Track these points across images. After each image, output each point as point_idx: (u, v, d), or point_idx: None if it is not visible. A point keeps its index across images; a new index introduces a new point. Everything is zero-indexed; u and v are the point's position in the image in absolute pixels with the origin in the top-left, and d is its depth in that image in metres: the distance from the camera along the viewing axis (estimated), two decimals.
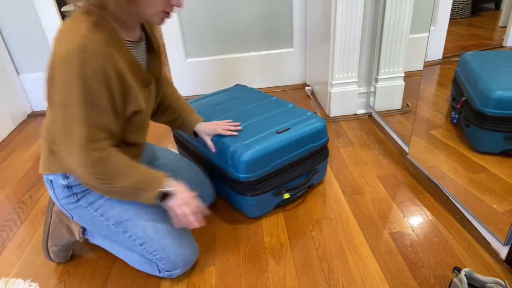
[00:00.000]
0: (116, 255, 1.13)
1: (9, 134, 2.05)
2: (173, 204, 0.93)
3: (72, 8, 0.83)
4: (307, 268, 1.10)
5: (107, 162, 0.85)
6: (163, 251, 1.01)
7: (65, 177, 0.96)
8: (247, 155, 1.15)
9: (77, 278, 1.12)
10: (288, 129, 1.26)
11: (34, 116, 2.25)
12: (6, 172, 1.69)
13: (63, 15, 2.83)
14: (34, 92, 2.23)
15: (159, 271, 1.06)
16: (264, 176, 1.21)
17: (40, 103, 2.27)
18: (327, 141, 1.37)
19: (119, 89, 0.82)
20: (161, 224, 1.01)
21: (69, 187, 0.97)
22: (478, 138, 1.51)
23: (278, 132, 1.24)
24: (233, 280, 1.08)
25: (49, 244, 1.12)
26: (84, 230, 1.13)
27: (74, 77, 0.74)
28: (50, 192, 1.01)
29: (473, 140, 1.53)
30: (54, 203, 1.11)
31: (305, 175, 1.34)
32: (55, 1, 2.00)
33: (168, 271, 1.04)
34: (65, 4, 3.39)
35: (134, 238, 1.01)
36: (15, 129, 2.10)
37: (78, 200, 0.99)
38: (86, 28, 0.76)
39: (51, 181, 0.98)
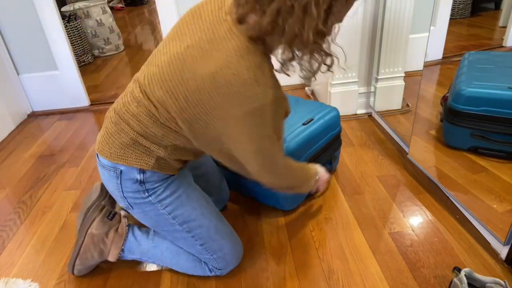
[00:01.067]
0: (160, 264, 1.12)
1: (9, 134, 2.05)
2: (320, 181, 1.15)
3: (226, 17, 0.79)
4: (307, 268, 1.10)
5: (292, 170, 1.00)
6: (220, 250, 1.04)
7: (142, 171, 0.93)
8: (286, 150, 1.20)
9: (77, 278, 1.12)
10: (312, 119, 1.31)
11: (34, 116, 2.25)
12: (6, 172, 1.69)
13: (63, 15, 2.84)
14: (34, 92, 2.23)
15: (210, 271, 1.07)
16: None
17: (40, 103, 2.27)
18: (340, 128, 1.43)
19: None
20: (220, 223, 1.05)
21: (142, 182, 0.93)
22: (448, 133, 1.55)
23: (303, 124, 1.28)
24: (233, 280, 1.08)
25: (76, 263, 1.08)
26: (122, 252, 1.09)
27: (268, 124, 0.83)
28: (110, 180, 0.96)
29: (445, 135, 1.57)
30: (90, 225, 1.07)
31: (329, 163, 1.42)
32: (55, 1, 2.00)
33: (221, 269, 1.06)
34: (65, 4, 3.40)
35: (197, 238, 1.02)
36: (15, 129, 2.10)
37: (149, 196, 0.96)
38: (269, 76, 0.80)
39: (121, 171, 0.93)
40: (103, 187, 1.19)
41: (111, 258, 1.08)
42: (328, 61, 0.80)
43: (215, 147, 0.90)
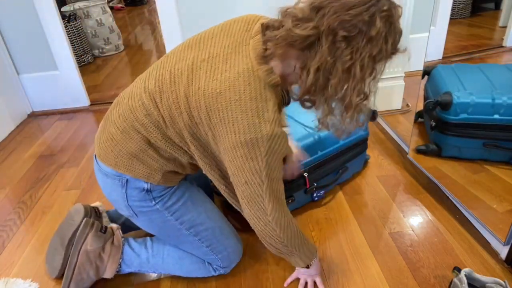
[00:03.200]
0: (162, 272, 1.10)
1: (9, 134, 2.04)
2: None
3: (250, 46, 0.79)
4: None
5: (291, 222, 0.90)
6: (225, 249, 1.04)
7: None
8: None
9: None
10: None
11: (34, 116, 2.25)
12: (6, 172, 1.69)
13: (63, 15, 2.84)
14: (34, 92, 2.23)
15: (214, 270, 1.07)
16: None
17: (40, 103, 2.27)
18: (362, 137, 1.38)
19: None
20: (224, 224, 1.06)
21: (148, 191, 0.91)
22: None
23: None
24: (233, 281, 1.08)
25: (71, 285, 1.01)
26: (119, 267, 1.05)
27: (261, 160, 0.78)
28: (114, 189, 0.92)
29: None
30: (83, 243, 1.01)
31: (335, 173, 1.36)
32: (55, 1, 2.00)
33: (225, 267, 1.07)
34: (65, 4, 3.40)
35: (203, 240, 1.01)
36: (15, 129, 2.10)
37: (156, 204, 0.94)
38: (272, 110, 0.77)
39: (127, 181, 0.90)
40: (86, 208, 1.12)
41: (108, 274, 1.03)
42: (361, 117, 0.80)
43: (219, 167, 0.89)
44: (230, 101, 0.75)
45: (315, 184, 1.28)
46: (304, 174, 1.22)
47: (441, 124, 1.43)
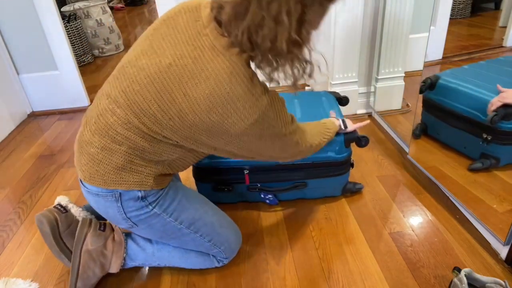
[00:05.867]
0: (167, 265, 1.10)
1: (9, 134, 2.05)
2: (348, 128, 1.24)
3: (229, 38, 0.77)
4: (307, 268, 1.10)
5: (305, 135, 1.02)
6: (226, 241, 1.07)
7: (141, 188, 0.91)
8: None
9: None
10: None
11: (34, 116, 2.25)
12: (6, 172, 1.69)
13: (63, 15, 2.84)
14: (34, 92, 2.23)
15: (218, 262, 1.10)
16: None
17: (40, 103, 2.27)
18: (331, 158, 1.26)
19: None
20: (221, 216, 1.09)
21: (143, 198, 0.91)
22: None
23: None
24: (233, 280, 1.08)
25: (78, 284, 1.01)
26: (124, 261, 1.06)
27: (274, 124, 0.86)
28: (109, 206, 0.91)
29: None
30: (83, 243, 1.01)
31: (288, 183, 1.29)
32: (55, 1, 2.00)
33: (227, 257, 1.10)
34: (65, 4, 3.39)
35: (204, 236, 1.03)
36: (15, 129, 2.10)
37: (153, 208, 0.93)
38: (258, 83, 0.81)
39: (120, 194, 0.89)
40: (48, 217, 1.05)
41: (114, 269, 1.04)
42: (308, 69, 0.79)
43: (226, 150, 0.90)
44: (222, 96, 0.76)
45: (259, 185, 1.28)
46: (245, 170, 1.25)
47: (499, 134, 1.37)
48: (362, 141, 1.25)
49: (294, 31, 0.70)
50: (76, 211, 1.10)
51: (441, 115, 1.55)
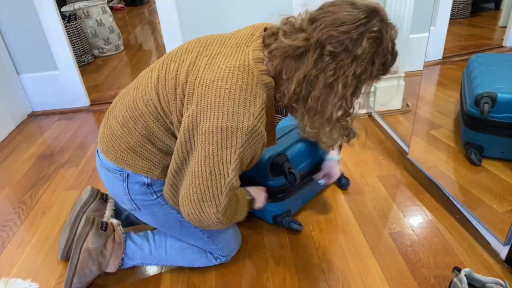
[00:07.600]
0: (165, 263, 1.11)
1: (9, 134, 2.04)
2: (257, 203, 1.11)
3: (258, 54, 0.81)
4: (307, 268, 1.10)
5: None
6: (225, 239, 1.08)
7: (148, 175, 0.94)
8: None
9: None
10: None
11: (34, 116, 2.25)
12: (6, 172, 1.69)
13: (63, 15, 2.84)
14: (34, 92, 2.23)
15: (215, 259, 1.10)
16: None
17: (40, 103, 2.27)
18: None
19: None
20: None
21: (149, 185, 0.94)
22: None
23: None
24: (233, 280, 1.08)
25: (74, 281, 1.02)
26: (122, 261, 1.07)
27: (233, 151, 0.79)
28: (116, 184, 0.94)
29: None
30: (84, 241, 1.02)
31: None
32: (55, 1, 2.00)
33: (226, 255, 1.10)
34: (65, 4, 3.40)
35: (204, 231, 1.04)
36: (15, 129, 2.10)
37: (157, 197, 0.96)
38: (260, 108, 0.79)
39: (128, 175, 0.92)
40: (94, 189, 1.19)
41: (111, 269, 1.05)
42: (351, 135, 0.83)
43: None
44: (220, 89, 0.78)
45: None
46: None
47: None
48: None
49: (345, 102, 0.75)
50: (110, 208, 1.18)
51: (507, 132, 1.38)
